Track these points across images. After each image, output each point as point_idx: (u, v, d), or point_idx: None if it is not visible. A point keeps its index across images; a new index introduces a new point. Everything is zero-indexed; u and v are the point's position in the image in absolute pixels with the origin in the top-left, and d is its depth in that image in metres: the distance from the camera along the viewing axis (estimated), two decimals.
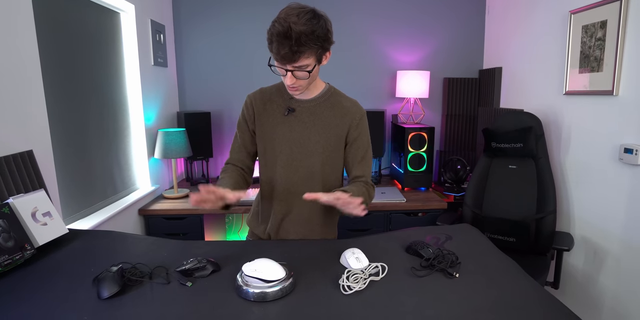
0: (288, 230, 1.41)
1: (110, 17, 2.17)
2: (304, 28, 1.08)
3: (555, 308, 0.95)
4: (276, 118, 1.33)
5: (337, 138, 1.34)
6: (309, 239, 1.39)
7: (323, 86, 1.36)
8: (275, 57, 1.15)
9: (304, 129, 1.32)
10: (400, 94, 2.90)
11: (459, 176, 2.87)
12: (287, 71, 1.16)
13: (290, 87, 1.22)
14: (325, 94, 1.35)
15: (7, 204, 1.17)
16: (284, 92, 1.35)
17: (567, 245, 1.95)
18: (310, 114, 1.33)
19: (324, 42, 1.15)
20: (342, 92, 1.40)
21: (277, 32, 1.09)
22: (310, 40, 1.10)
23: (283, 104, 1.34)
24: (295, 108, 1.33)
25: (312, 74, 1.19)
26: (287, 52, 1.10)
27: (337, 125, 1.33)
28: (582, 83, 1.98)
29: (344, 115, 1.33)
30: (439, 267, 1.12)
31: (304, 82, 1.21)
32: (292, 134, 1.32)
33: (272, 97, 1.36)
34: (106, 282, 0.98)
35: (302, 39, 1.08)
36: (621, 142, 1.76)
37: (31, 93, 1.50)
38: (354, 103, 1.37)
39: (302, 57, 1.12)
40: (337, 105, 1.34)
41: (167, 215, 2.36)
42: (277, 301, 0.97)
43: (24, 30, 1.46)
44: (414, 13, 3.03)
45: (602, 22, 1.83)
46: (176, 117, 2.98)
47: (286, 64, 1.14)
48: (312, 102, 1.33)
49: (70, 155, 1.83)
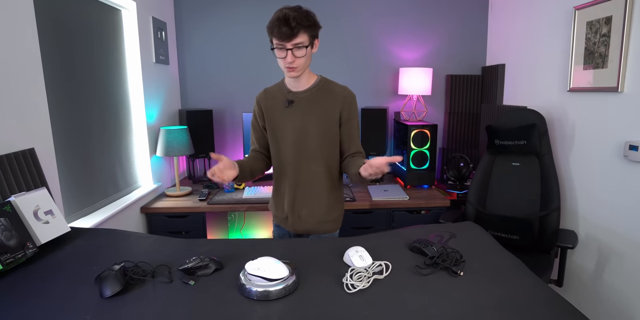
0: (302, 202, 1.58)
1: (111, 14, 2.16)
2: (297, 13, 1.34)
3: (559, 306, 0.94)
4: (280, 111, 1.54)
5: (332, 120, 1.53)
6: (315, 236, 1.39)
7: (315, 78, 1.56)
8: (277, 38, 1.35)
9: (304, 116, 1.51)
10: (402, 91, 2.88)
11: (462, 174, 2.86)
12: (287, 50, 1.36)
13: (289, 67, 1.40)
14: (318, 84, 1.54)
15: (9, 202, 1.17)
16: (283, 88, 1.56)
17: (571, 243, 1.94)
18: (307, 102, 1.52)
19: (314, 24, 1.40)
20: (333, 81, 1.58)
21: (276, 18, 1.34)
22: (303, 20, 1.34)
23: (283, 98, 1.54)
24: (294, 100, 1.52)
25: (307, 53, 1.40)
26: (286, 30, 1.32)
27: (331, 108, 1.52)
28: (586, 80, 1.97)
29: (337, 99, 1.52)
30: (443, 266, 1.11)
31: (302, 60, 1.40)
32: (294, 122, 1.52)
33: (274, 94, 1.58)
34: (108, 281, 0.98)
35: (297, 19, 1.33)
36: (626, 139, 1.75)
37: (33, 91, 1.50)
38: (344, 88, 1.56)
39: (299, 34, 1.35)
40: (330, 92, 1.53)
41: (170, 213, 2.36)
42: (280, 300, 0.96)
43: (25, 28, 1.46)
44: (417, 10, 3.01)
45: (607, 18, 1.81)
46: (178, 115, 2.97)
47: (285, 41, 1.35)
48: (308, 93, 1.53)
49: (72, 153, 1.83)
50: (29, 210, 1.22)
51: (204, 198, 2.43)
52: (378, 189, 2.62)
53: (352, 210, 2.41)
